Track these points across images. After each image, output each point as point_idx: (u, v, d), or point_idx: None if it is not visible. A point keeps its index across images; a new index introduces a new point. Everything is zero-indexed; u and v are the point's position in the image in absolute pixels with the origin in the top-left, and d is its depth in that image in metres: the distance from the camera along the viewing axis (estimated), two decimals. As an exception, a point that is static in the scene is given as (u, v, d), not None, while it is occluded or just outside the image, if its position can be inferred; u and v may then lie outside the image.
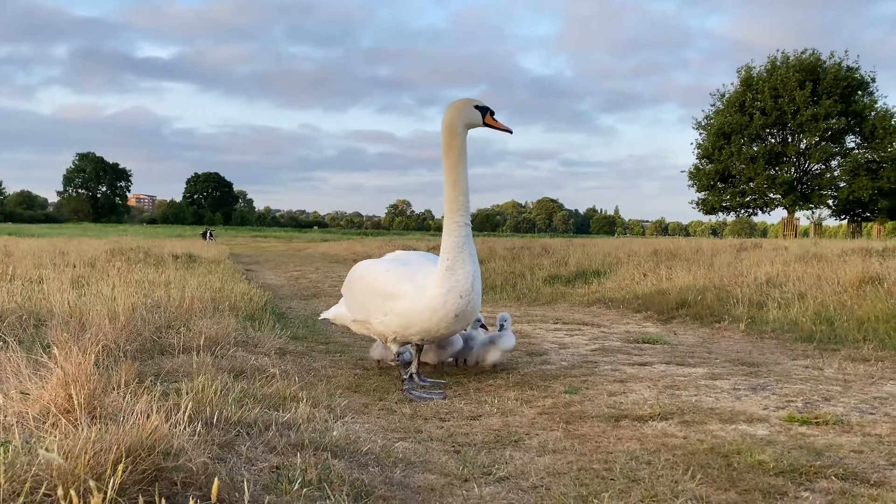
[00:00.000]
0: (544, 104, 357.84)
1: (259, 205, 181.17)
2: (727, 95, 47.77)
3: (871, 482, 2.71)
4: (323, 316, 5.21)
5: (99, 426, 2.22)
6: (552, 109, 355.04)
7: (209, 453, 2.49)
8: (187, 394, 3.13)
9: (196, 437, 2.52)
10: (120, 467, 1.96)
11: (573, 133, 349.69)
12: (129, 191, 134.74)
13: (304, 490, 2.39)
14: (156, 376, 3.76)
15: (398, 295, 4.24)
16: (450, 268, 4.14)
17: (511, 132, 4.54)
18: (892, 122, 44.62)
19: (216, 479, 1.79)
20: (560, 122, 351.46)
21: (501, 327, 4.89)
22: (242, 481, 2.26)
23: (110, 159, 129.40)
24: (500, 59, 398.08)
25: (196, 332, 4.86)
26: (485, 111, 4.31)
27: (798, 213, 48.11)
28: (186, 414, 2.63)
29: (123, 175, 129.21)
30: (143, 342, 4.64)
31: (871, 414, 3.71)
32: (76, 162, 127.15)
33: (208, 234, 39.20)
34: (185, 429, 2.50)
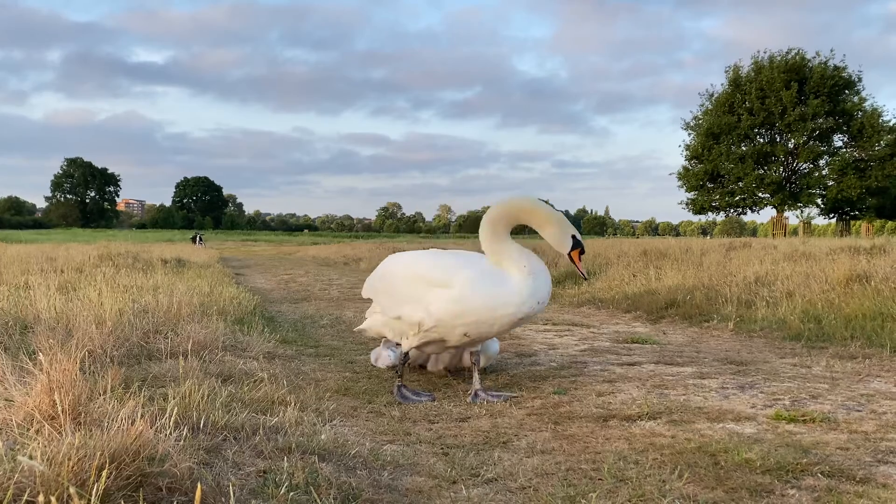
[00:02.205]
0: (538, 106, 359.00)
1: (249, 209, 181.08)
2: (716, 96, 47.98)
3: (857, 479, 2.72)
4: (358, 329, 4.99)
5: (83, 432, 2.21)
6: (546, 111, 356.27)
7: (195, 458, 2.48)
8: (174, 399, 3.12)
9: (182, 442, 2.50)
10: (104, 473, 1.95)
11: (566, 134, 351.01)
12: (118, 195, 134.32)
13: (291, 494, 2.38)
14: (142, 381, 3.74)
15: (452, 283, 4.11)
16: (532, 272, 4.10)
17: (585, 278, 4.59)
18: (880, 121, 44.91)
19: (199, 485, 1.78)
20: (554, 123, 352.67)
21: None
22: (228, 486, 2.25)
23: (102, 164, 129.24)
24: (495, 61, 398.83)
25: (184, 337, 4.84)
26: (577, 245, 4.25)
27: (787, 213, 48.36)
28: (172, 419, 2.62)
29: (112, 180, 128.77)
30: (130, 347, 4.61)
31: (858, 411, 3.73)
32: (64, 167, 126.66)
33: (198, 239, 39.11)
34: (170, 434, 2.49)
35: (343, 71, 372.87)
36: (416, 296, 4.22)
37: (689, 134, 48.83)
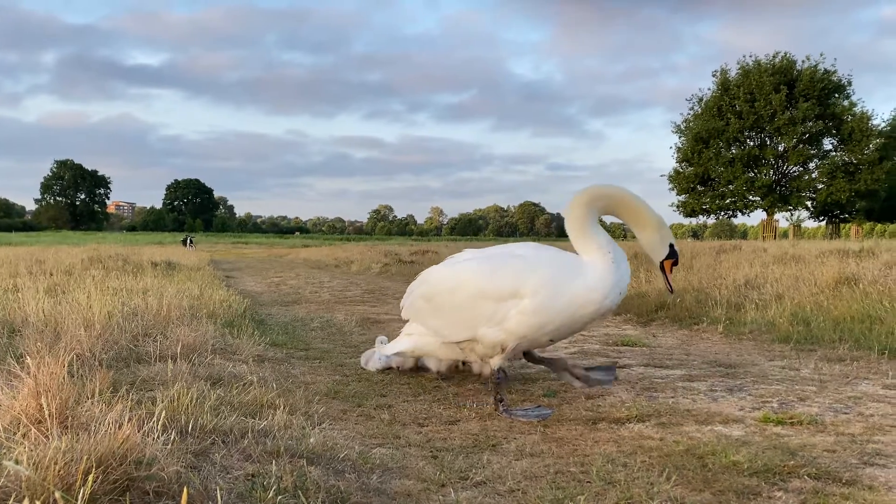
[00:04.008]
0: (533, 109, 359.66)
1: (240, 211, 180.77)
2: (705, 100, 48.20)
3: (843, 481, 2.74)
4: (387, 353, 4.56)
5: (70, 436, 2.20)
6: (541, 114, 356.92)
7: (183, 462, 2.48)
8: (162, 402, 3.11)
9: (170, 446, 2.50)
10: (90, 477, 1.95)
11: (561, 137, 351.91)
12: (108, 198, 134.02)
13: (279, 498, 2.38)
14: (131, 385, 3.73)
15: (524, 292, 3.75)
16: (616, 260, 3.82)
17: (671, 292, 4.31)
18: (870, 125, 45.20)
19: (186, 489, 1.78)
20: (548, 126, 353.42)
21: None
22: (216, 490, 2.24)
23: (94, 167, 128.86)
24: (491, 65, 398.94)
25: (173, 340, 4.83)
26: (673, 255, 4.01)
27: (777, 215, 48.65)
28: (160, 422, 2.62)
29: (102, 182, 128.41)
30: (119, 350, 4.60)
31: (845, 413, 3.75)
32: (54, 169, 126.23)
33: (188, 241, 38.99)
34: (158, 437, 2.48)
35: (339, 74, 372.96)
36: (484, 315, 3.84)
37: (680, 137, 49.06)
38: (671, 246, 3.99)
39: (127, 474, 2.08)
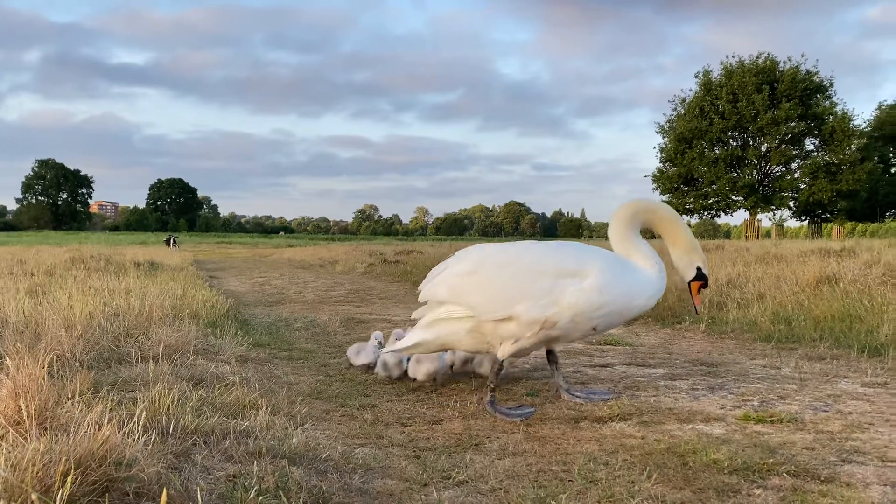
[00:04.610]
0: (520, 109, 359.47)
1: (224, 211, 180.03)
2: (688, 100, 48.48)
3: (822, 478, 2.77)
4: (407, 344, 4.13)
5: (49, 437, 2.19)
6: (527, 114, 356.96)
7: (164, 463, 2.47)
8: (143, 403, 3.10)
9: (150, 447, 2.49)
10: (69, 479, 1.94)
11: (547, 137, 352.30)
12: (90, 197, 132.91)
13: (261, 498, 2.37)
14: (112, 386, 3.70)
15: (588, 271, 3.81)
16: (662, 271, 4.01)
17: (697, 313, 4.46)
18: (851, 126, 45.64)
19: (165, 490, 1.77)
20: (534, 126, 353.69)
21: None
22: (196, 490, 2.24)
23: (77, 166, 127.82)
24: (478, 64, 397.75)
25: (155, 341, 4.80)
26: (701, 278, 4.16)
27: (760, 215, 49.01)
28: (141, 423, 2.61)
29: (85, 182, 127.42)
30: (100, 351, 4.57)
31: (825, 411, 3.79)
32: (35, 168, 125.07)
33: (172, 241, 38.76)
34: (139, 438, 2.47)
35: (326, 73, 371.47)
36: (537, 290, 3.79)
37: (664, 137, 49.32)
38: (699, 269, 4.15)
39: (106, 475, 2.07)
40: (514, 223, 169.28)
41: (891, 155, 55.23)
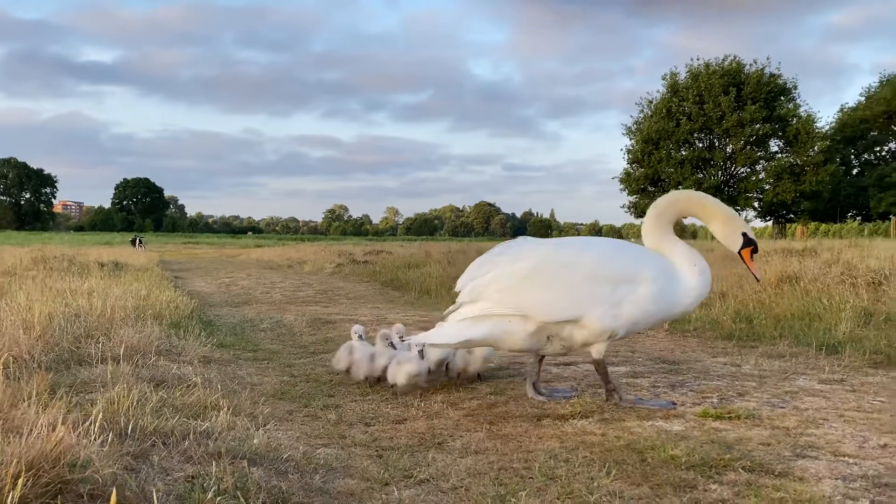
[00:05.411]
0: (491, 109, 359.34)
1: (192, 210, 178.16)
2: (655, 102, 48.97)
3: (776, 473, 2.82)
4: (454, 341, 3.92)
5: (0, 439, 2.15)
6: (499, 115, 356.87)
7: (120, 464, 2.44)
8: (101, 404, 3.06)
9: (107, 448, 2.46)
10: (20, 481, 1.91)
11: (518, 138, 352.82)
12: (54, 197, 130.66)
13: (218, 499, 2.36)
14: (70, 387, 3.65)
15: (643, 278, 3.77)
16: (703, 272, 3.91)
17: (758, 280, 4.25)
18: (814, 128, 46.45)
19: (114, 491, 1.76)
20: (506, 127, 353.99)
21: None
22: (152, 491, 2.22)
23: (41, 165, 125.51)
24: (451, 65, 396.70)
25: (117, 342, 4.75)
26: (749, 244, 3.99)
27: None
28: (97, 424, 2.57)
29: (49, 181, 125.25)
30: (59, 353, 4.51)
31: (782, 408, 3.86)
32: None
33: (138, 241, 38.26)
34: (94, 439, 2.44)
35: (297, 72, 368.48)
36: (598, 296, 3.75)
37: (631, 139, 49.78)
38: (744, 235, 4.00)
39: (60, 477, 2.05)
40: (485, 223, 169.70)
41: (852, 157, 56.38)
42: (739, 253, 4.01)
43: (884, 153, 56.61)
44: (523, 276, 3.80)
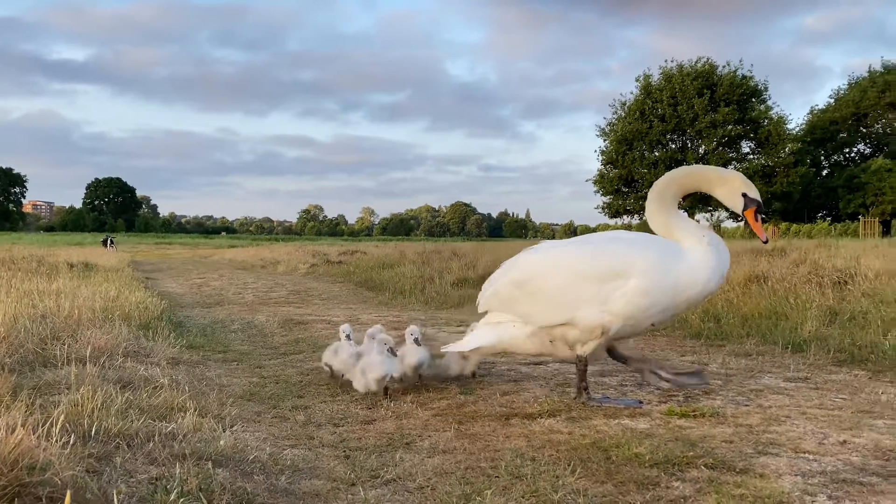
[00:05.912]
0: (468, 110, 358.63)
1: (165, 210, 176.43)
2: (628, 103, 49.35)
3: (738, 470, 2.86)
4: (466, 348, 4.21)
5: (-42, 442, 2.13)
6: (475, 115, 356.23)
7: (82, 466, 2.42)
8: (63, 406, 3.03)
9: (68, 450, 2.44)
10: (-23, 484, 1.89)
11: (494, 139, 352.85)
12: (24, 197, 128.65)
13: (182, 500, 2.35)
14: (33, 389, 3.61)
15: (632, 272, 3.73)
16: (712, 243, 3.82)
17: (765, 242, 4.15)
18: (785, 129, 47.09)
19: (68, 492, 1.74)
20: (482, 127, 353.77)
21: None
22: (113, 493, 2.20)
23: (10, 165, 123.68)
24: (427, 65, 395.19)
25: (83, 343, 4.70)
26: (752, 204, 3.93)
27: (698, 216, 50.11)
28: (59, 426, 2.55)
29: (18, 180, 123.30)
30: (24, 354, 4.45)
31: (746, 406, 3.92)
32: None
33: (109, 242, 37.78)
34: (56, 442, 2.42)
35: (273, 72, 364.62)
36: (584, 297, 3.79)
37: (605, 140, 50.13)
38: (744, 195, 3.93)
39: (18, 480, 2.02)
40: (461, 224, 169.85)
41: (822, 158, 57.21)
42: (743, 214, 3.98)
43: (853, 154, 57.59)
44: (516, 285, 4.00)
